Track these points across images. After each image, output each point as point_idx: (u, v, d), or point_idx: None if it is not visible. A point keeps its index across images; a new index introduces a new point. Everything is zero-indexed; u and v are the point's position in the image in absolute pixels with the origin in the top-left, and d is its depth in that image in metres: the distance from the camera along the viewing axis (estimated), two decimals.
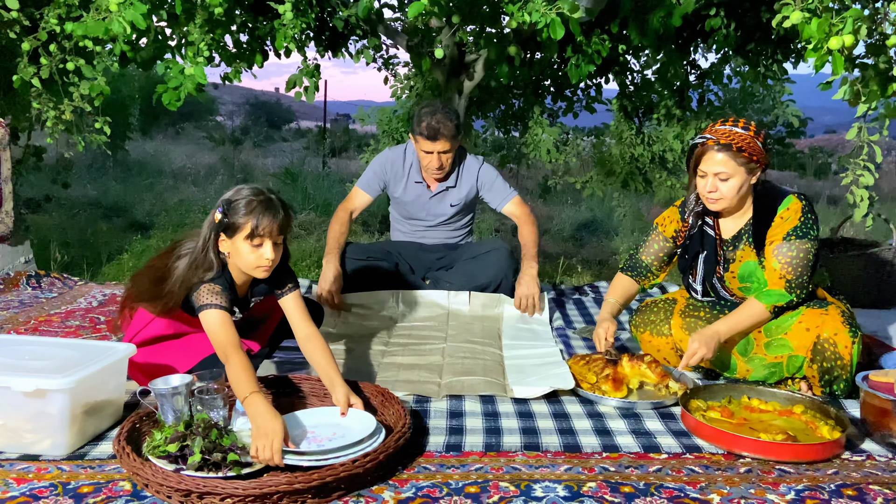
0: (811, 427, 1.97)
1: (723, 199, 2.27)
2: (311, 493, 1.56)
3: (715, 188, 2.26)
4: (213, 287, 1.99)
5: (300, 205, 8.31)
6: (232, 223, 1.97)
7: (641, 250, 2.58)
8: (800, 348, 2.25)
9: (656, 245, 2.55)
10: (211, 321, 1.94)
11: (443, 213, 3.29)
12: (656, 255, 2.55)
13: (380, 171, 3.25)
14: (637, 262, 2.58)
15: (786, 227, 2.26)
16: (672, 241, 2.52)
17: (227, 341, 1.90)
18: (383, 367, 2.50)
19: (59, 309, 3.24)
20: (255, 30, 4.12)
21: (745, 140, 2.20)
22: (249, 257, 2.00)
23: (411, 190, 3.25)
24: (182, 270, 2.03)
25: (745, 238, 2.34)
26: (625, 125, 5.97)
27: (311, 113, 28.28)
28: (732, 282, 2.39)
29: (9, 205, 3.70)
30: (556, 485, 1.67)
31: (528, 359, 2.60)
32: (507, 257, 3.16)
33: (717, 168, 2.22)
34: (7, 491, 1.60)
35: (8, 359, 1.86)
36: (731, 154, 2.21)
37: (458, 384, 2.32)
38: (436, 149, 3.02)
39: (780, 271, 2.24)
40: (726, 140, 2.20)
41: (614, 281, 2.62)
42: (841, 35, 2.55)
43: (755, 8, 4.51)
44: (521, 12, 3.23)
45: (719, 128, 2.25)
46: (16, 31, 3.61)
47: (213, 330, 1.93)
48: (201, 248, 2.03)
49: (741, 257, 2.35)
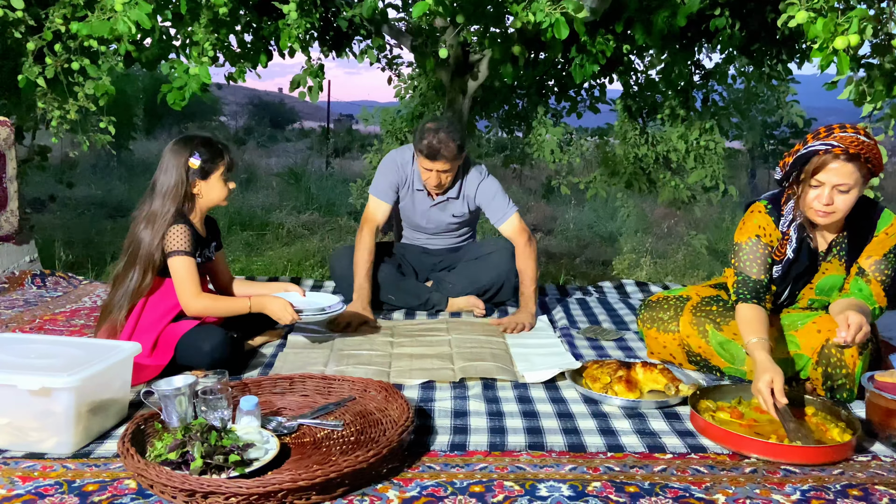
0: (822, 429, 1.95)
1: (837, 212, 2.09)
2: (316, 491, 1.56)
3: (831, 200, 2.07)
4: (180, 230, 2.34)
5: (304, 205, 8.33)
6: (210, 165, 2.39)
7: (753, 270, 2.23)
8: (806, 348, 2.23)
9: (770, 259, 2.25)
10: (176, 266, 2.34)
11: (443, 223, 3.25)
12: (769, 268, 2.26)
13: (390, 175, 3.18)
14: (757, 284, 2.22)
15: (888, 243, 2.18)
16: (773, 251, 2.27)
17: (188, 288, 2.33)
18: (395, 358, 2.56)
19: (64, 308, 3.24)
20: (260, 30, 4.13)
21: (872, 150, 2.02)
22: (222, 192, 2.44)
23: (413, 197, 3.22)
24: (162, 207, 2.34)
25: (835, 251, 2.25)
26: (629, 125, 5.97)
27: (315, 113, 28.31)
28: (807, 293, 2.32)
29: (14, 204, 3.71)
30: (561, 484, 1.67)
31: (531, 348, 2.70)
32: (509, 258, 3.14)
33: (841, 179, 2.04)
34: (12, 489, 1.61)
35: (14, 357, 1.86)
36: (858, 164, 2.03)
37: (472, 368, 2.41)
38: (435, 168, 2.98)
39: (881, 286, 2.18)
40: (855, 149, 2.01)
41: (743, 315, 2.18)
42: (846, 35, 2.54)
43: (760, 8, 4.51)
44: (525, 12, 3.23)
45: (842, 134, 2.04)
46: (21, 31, 3.62)
47: (178, 276, 2.34)
48: (178, 187, 2.35)
49: (825, 269, 2.28)
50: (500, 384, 2.33)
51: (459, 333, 2.85)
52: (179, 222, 2.35)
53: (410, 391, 2.26)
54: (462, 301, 3.17)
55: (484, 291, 3.17)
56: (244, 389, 2.08)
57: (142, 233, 2.34)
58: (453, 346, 2.70)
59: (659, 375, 2.28)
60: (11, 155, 3.69)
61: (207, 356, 2.27)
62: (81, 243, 5.70)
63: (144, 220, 2.36)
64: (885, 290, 2.19)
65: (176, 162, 2.36)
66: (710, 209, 7.37)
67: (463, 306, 3.18)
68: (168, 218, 2.34)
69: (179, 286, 2.34)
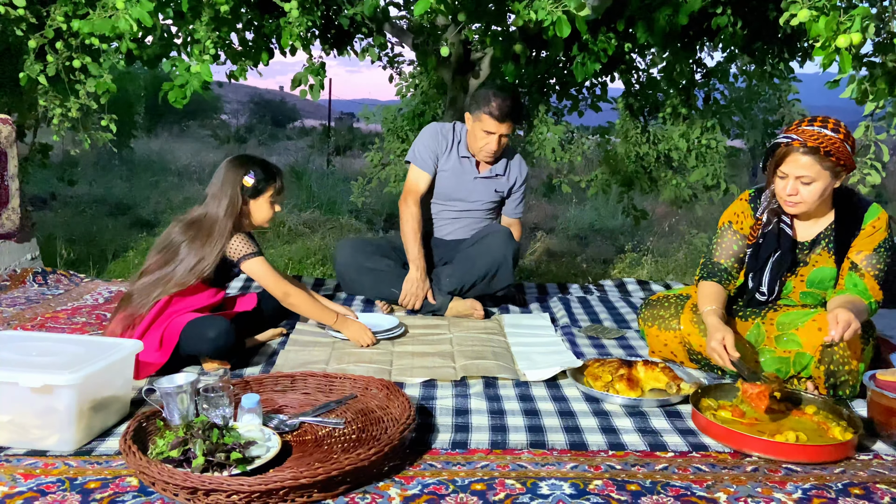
0: (823, 428, 1.95)
1: (802, 203, 2.16)
2: (317, 488, 1.56)
3: (795, 191, 2.14)
4: (242, 238, 2.46)
5: (305, 203, 8.33)
6: (262, 186, 2.49)
7: (717, 253, 2.38)
8: (808, 346, 2.23)
9: (735, 246, 2.36)
10: (256, 268, 2.47)
11: (484, 198, 3.23)
12: (736, 255, 2.36)
13: (431, 143, 3.13)
14: (716, 267, 2.37)
15: (877, 237, 2.21)
16: (745, 238, 2.36)
17: (279, 280, 2.50)
18: (397, 356, 2.56)
19: (66, 305, 3.24)
20: (261, 27, 4.13)
21: (834, 143, 2.07)
22: (267, 213, 2.54)
23: (457, 165, 3.17)
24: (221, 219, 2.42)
25: (823, 243, 2.27)
26: (630, 124, 5.96)
27: (316, 112, 28.32)
28: (798, 286, 2.34)
29: (15, 202, 3.71)
30: (563, 482, 1.67)
31: (533, 346, 2.70)
32: (504, 241, 3.06)
33: (800, 171, 2.11)
34: (14, 486, 1.61)
35: (15, 355, 1.86)
36: (818, 158, 2.08)
37: (473, 367, 2.41)
38: (500, 131, 2.99)
39: (875, 280, 2.20)
40: (814, 143, 2.07)
41: (701, 290, 2.36)
42: (849, 33, 2.54)
43: (762, 6, 4.50)
44: (527, 10, 3.22)
45: (806, 128, 2.11)
46: (22, 29, 3.62)
47: (262, 274, 2.48)
48: (233, 204, 2.44)
49: (815, 262, 2.29)
50: (501, 382, 2.34)
51: (460, 332, 2.85)
52: (236, 233, 2.47)
53: (412, 389, 2.26)
54: (461, 305, 3.11)
55: (482, 278, 3.08)
56: (246, 387, 2.08)
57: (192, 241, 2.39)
58: (454, 344, 2.70)
59: (660, 374, 2.28)
60: (13, 152, 3.69)
61: (212, 343, 2.26)
62: (83, 241, 5.70)
63: (195, 227, 2.42)
64: (879, 284, 2.21)
65: (232, 178, 2.46)
66: (712, 208, 7.37)
67: (462, 310, 3.11)
68: (225, 232, 2.43)
69: (269, 284, 2.51)
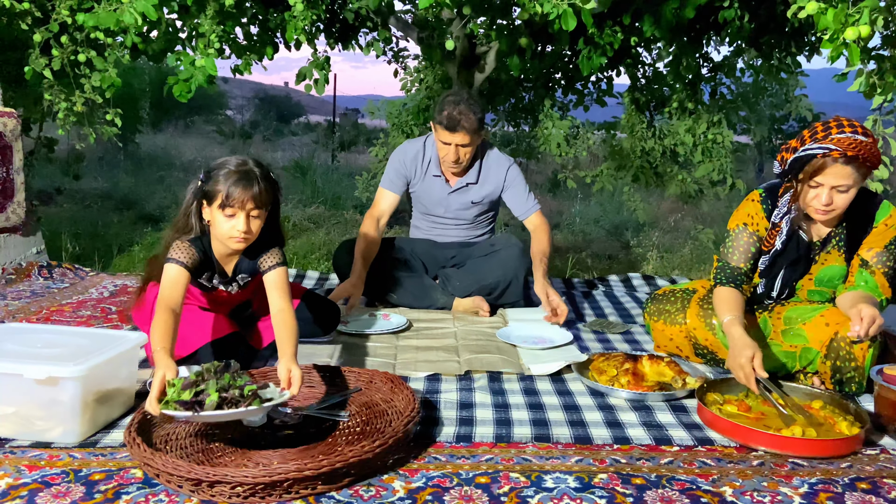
0: (830, 422, 1.94)
1: (836, 210, 2.11)
2: (321, 480, 1.56)
3: (830, 200, 2.08)
4: (182, 244, 2.08)
5: (309, 198, 8.33)
6: (208, 190, 2.04)
7: (734, 257, 2.30)
8: (814, 341, 2.22)
9: (753, 248, 2.29)
10: (167, 274, 2.03)
11: (462, 209, 3.19)
12: (753, 257, 2.30)
13: (399, 166, 3.15)
14: (734, 271, 2.29)
15: (889, 235, 2.20)
16: (761, 240, 2.30)
17: (168, 297, 1.97)
18: (401, 350, 2.56)
19: (71, 299, 3.25)
20: (266, 21, 4.12)
21: (871, 149, 2.02)
22: (224, 227, 2.05)
23: (430, 183, 3.16)
24: (167, 234, 2.16)
25: (834, 242, 2.25)
26: (636, 118, 5.93)
27: (320, 107, 28.30)
28: (807, 283, 2.32)
29: (20, 196, 3.71)
30: (567, 476, 1.66)
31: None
32: (517, 256, 3.03)
33: (839, 181, 2.04)
34: (19, 478, 1.61)
35: (20, 346, 1.87)
36: (856, 165, 2.02)
37: (477, 361, 2.41)
38: (454, 141, 2.93)
39: (885, 278, 2.19)
40: (854, 152, 2.00)
41: (718, 296, 2.27)
42: (857, 26, 2.51)
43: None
44: (532, 3, 3.20)
45: (839, 136, 2.02)
46: (27, 23, 3.62)
47: (164, 283, 2.02)
48: (183, 211, 2.13)
49: (824, 260, 2.27)
50: (505, 377, 2.33)
51: (465, 326, 2.85)
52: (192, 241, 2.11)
53: (416, 383, 2.26)
54: (467, 302, 3.09)
55: (490, 291, 3.05)
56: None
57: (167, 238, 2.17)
58: (459, 338, 2.70)
59: (665, 368, 2.27)
60: (18, 146, 3.69)
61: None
62: (88, 235, 5.71)
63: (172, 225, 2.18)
64: (889, 281, 2.19)
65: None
66: (718, 203, 7.33)
67: (468, 308, 3.08)
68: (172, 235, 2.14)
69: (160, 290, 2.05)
